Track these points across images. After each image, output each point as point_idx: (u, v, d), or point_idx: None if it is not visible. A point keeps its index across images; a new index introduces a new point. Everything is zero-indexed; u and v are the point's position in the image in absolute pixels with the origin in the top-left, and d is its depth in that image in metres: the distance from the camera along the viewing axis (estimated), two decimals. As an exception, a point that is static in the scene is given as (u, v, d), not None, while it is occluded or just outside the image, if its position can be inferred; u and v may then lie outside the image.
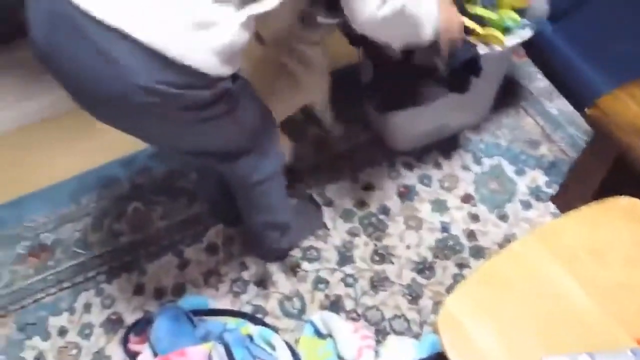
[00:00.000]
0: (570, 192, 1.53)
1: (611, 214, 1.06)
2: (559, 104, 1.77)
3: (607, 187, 1.41)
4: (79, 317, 1.48)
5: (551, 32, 1.51)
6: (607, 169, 1.36)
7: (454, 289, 1.32)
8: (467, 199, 1.59)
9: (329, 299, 1.45)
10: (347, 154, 1.71)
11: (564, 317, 0.96)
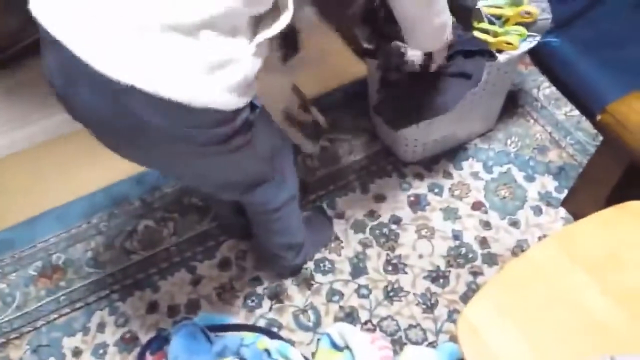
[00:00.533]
0: (580, 197, 1.53)
1: (628, 218, 1.06)
2: (566, 110, 1.78)
3: (618, 191, 1.42)
4: (93, 337, 1.47)
5: (557, 42, 1.53)
6: (620, 174, 1.36)
7: (472, 297, 1.32)
8: (478, 206, 1.59)
9: (344, 310, 1.44)
10: (357, 165, 1.72)
11: (585, 322, 0.96)
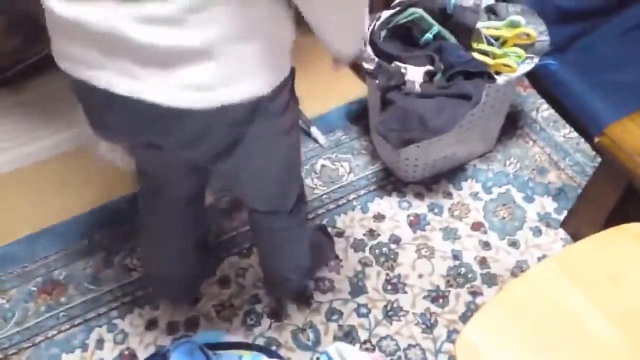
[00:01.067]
0: (580, 218, 1.54)
1: (627, 240, 1.07)
2: (565, 132, 1.79)
3: (616, 213, 1.43)
4: (92, 354, 1.47)
5: (555, 64, 1.55)
6: (618, 195, 1.38)
7: (471, 317, 1.32)
8: (477, 226, 1.60)
9: (343, 329, 1.44)
10: (357, 184, 1.73)
11: (584, 343, 0.96)
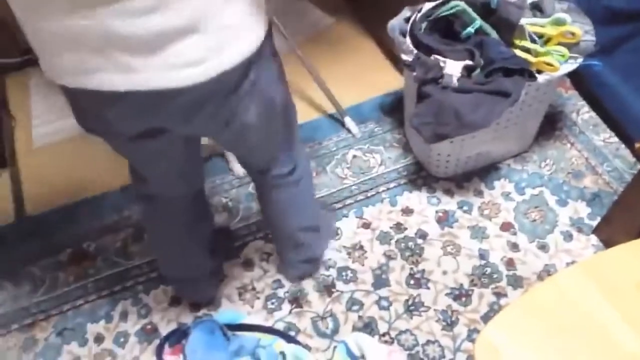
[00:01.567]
0: (613, 225, 1.50)
1: (660, 249, 1.03)
2: (604, 137, 1.74)
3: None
4: (116, 325, 1.50)
5: (599, 66, 1.50)
6: (655, 203, 1.33)
7: (493, 317, 1.29)
8: (507, 227, 1.57)
9: (363, 320, 1.44)
10: (387, 177, 1.71)
11: (607, 352, 0.94)
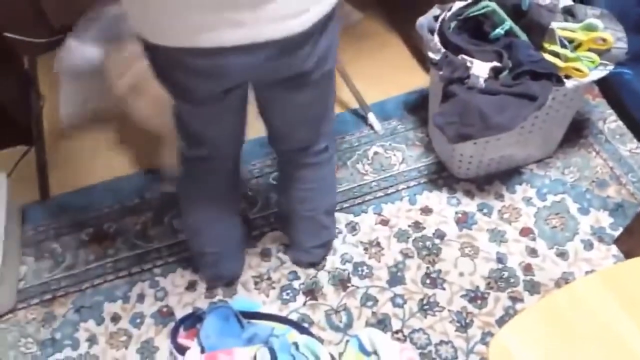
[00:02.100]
0: (635, 237, 1.48)
1: (682, 262, 1.02)
2: (631, 147, 1.72)
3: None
4: (132, 306, 1.53)
5: (630, 74, 1.48)
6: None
7: (508, 321, 1.29)
8: (526, 232, 1.56)
9: (376, 316, 1.44)
10: (408, 175, 1.71)
11: (623, 362, 0.93)
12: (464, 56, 1.42)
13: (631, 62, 1.48)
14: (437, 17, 1.51)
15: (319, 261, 1.54)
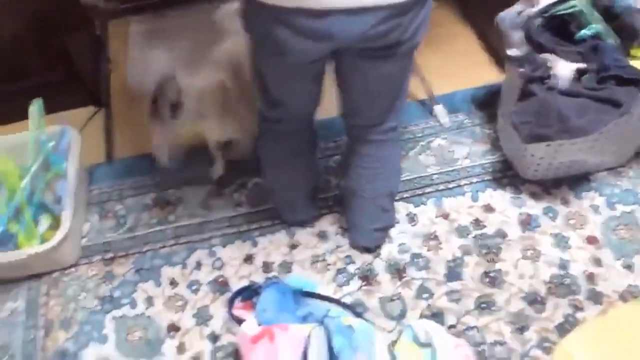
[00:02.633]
0: None
1: None
2: None
3: None
4: (190, 273, 1.56)
5: None
6: None
7: (568, 329, 1.27)
8: (592, 240, 1.52)
9: (431, 309, 1.43)
10: (471, 171, 1.69)
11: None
12: (547, 55, 1.39)
13: None
14: (519, 13, 1.48)
15: (375, 245, 1.54)
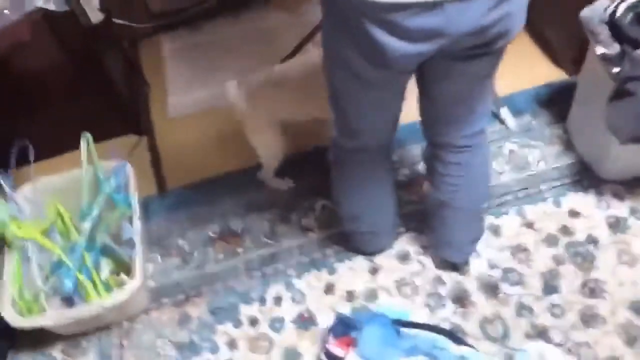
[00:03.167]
0: None
1: None
2: None
3: None
4: (270, 309, 1.47)
5: None
6: None
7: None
8: (688, 239, 1.46)
9: (536, 328, 1.36)
10: (548, 175, 1.62)
11: None
12: (643, 51, 1.32)
13: None
14: (605, 9, 1.40)
15: (466, 260, 1.46)
